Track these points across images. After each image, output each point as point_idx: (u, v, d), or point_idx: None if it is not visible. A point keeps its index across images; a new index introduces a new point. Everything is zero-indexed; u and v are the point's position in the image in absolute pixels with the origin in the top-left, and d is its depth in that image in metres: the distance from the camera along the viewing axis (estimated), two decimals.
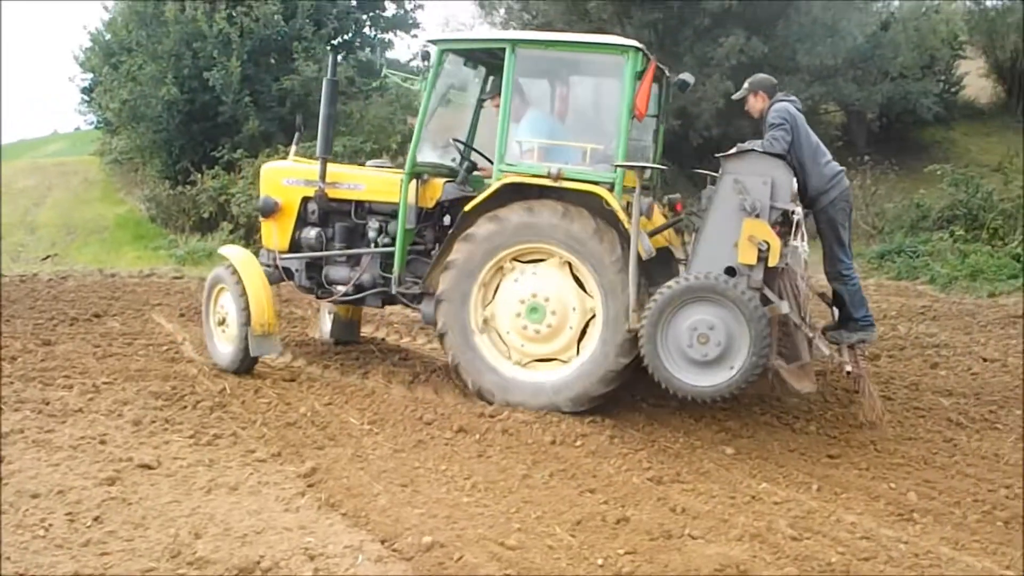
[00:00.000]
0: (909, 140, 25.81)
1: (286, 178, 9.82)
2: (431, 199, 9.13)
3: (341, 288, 9.41)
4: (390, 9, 25.15)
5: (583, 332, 8.44)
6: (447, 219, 9.16)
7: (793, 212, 7.75)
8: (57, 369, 9.18)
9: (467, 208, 8.50)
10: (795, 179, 7.89)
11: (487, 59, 9.52)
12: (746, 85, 9.04)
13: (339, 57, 23.16)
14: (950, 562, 5.89)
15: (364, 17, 24.77)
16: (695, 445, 7.84)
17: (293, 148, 10.54)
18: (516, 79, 8.57)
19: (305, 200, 9.65)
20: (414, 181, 9.00)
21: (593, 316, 8.35)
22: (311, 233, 9.58)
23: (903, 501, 6.86)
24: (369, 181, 9.56)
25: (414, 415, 8.18)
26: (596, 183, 8.27)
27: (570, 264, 8.37)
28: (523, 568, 5.44)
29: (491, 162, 9.03)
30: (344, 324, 10.84)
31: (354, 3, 24.13)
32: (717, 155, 7.99)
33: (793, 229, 7.77)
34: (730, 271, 7.59)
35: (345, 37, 24.50)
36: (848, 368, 8.31)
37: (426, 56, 8.85)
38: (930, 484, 7.21)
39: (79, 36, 71.83)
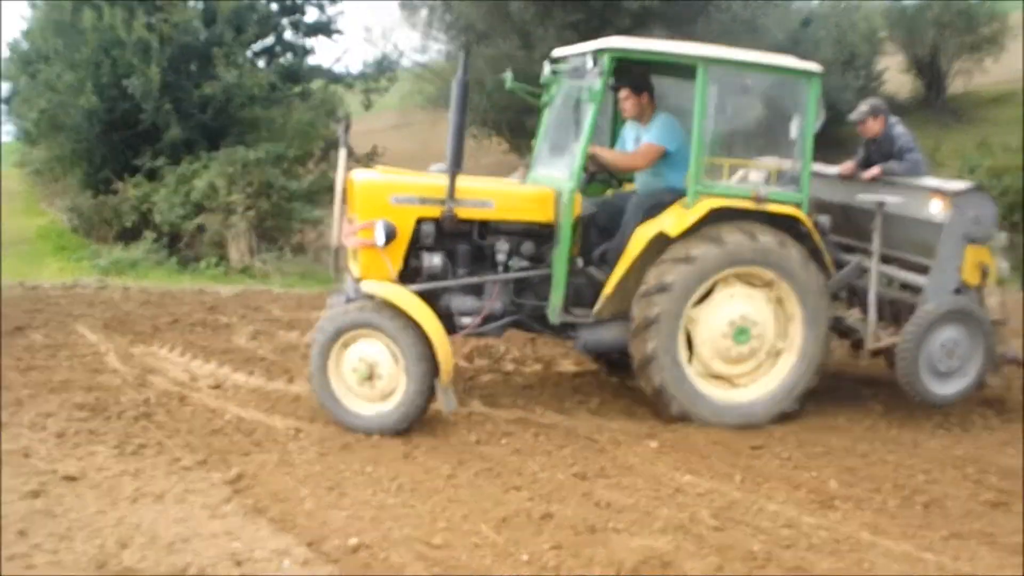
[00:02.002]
0: (831, 136, 26.00)
1: (394, 195, 8.37)
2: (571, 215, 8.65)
3: (467, 320, 8.50)
4: (311, 14, 25.04)
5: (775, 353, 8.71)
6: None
7: (1000, 237, 9.06)
8: None
9: (674, 232, 8.24)
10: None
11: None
12: (865, 108, 9.66)
13: (261, 63, 23.14)
14: (870, 546, 6.08)
15: (285, 22, 24.60)
16: (619, 440, 7.95)
17: (342, 151, 8.74)
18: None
19: (419, 221, 8.41)
20: (559, 198, 8.55)
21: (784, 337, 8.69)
22: (434, 260, 8.44)
23: (824, 489, 7.06)
24: (499, 197, 8.67)
25: None
26: (790, 203, 8.55)
27: (767, 287, 8.60)
28: (449, 567, 5.53)
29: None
30: None
31: (275, 7, 23.96)
32: (945, 190, 8.78)
33: (998, 252, 8.99)
34: (956, 291, 8.77)
35: (266, 42, 24.33)
36: None
37: (594, 63, 8.28)
38: (851, 471, 7.43)
39: None
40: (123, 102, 20.48)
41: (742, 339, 8.49)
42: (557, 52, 9.25)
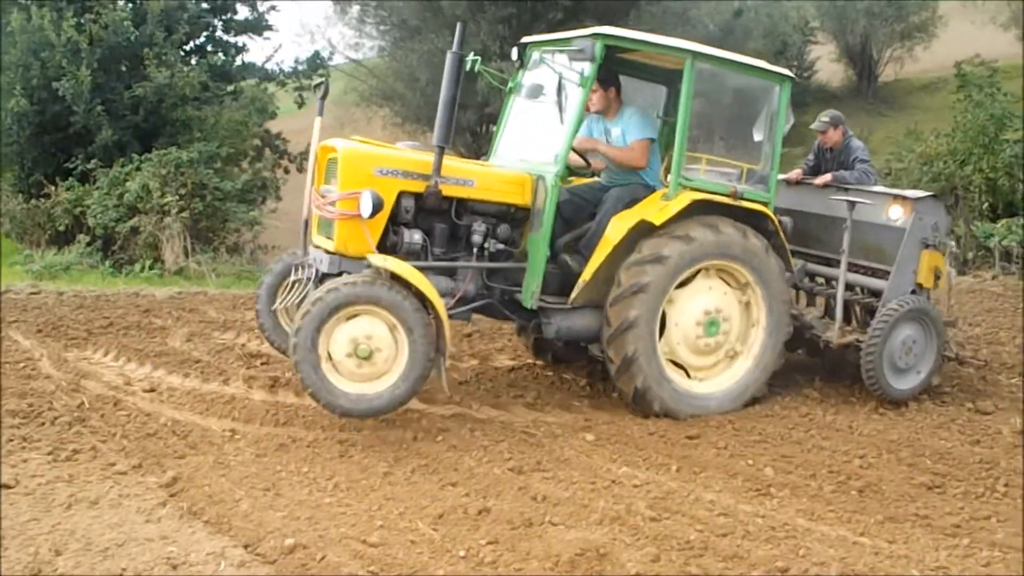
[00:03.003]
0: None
1: (379, 167, 8.08)
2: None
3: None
4: (242, 12, 24.86)
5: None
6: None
7: (950, 245, 9.59)
8: None
9: (659, 220, 8.35)
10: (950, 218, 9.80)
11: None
12: (827, 119, 10.26)
13: (193, 62, 22.90)
14: (806, 532, 6.16)
15: (216, 21, 24.41)
16: (556, 434, 7.99)
17: (317, 120, 8.56)
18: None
19: (401, 196, 8.17)
20: (538, 182, 8.54)
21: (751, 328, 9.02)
22: (415, 237, 8.20)
23: (760, 476, 7.14)
24: (480, 177, 8.53)
25: (276, 419, 8.17)
26: (758, 202, 8.91)
27: (735, 279, 8.87)
28: (385, 564, 5.54)
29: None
30: None
31: (205, 6, 23.76)
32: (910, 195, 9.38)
33: (948, 258, 9.45)
34: (912, 292, 9.24)
35: (197, 42, 24.12)
36: (980, 361, 10.10)
37: (589, 49, 8.19)
38: (787, 459, 7.52)
39: None
40: (53, 104, 20.19)
41: (712, 331, 8.68)
42: (527, 39, 9.31)
